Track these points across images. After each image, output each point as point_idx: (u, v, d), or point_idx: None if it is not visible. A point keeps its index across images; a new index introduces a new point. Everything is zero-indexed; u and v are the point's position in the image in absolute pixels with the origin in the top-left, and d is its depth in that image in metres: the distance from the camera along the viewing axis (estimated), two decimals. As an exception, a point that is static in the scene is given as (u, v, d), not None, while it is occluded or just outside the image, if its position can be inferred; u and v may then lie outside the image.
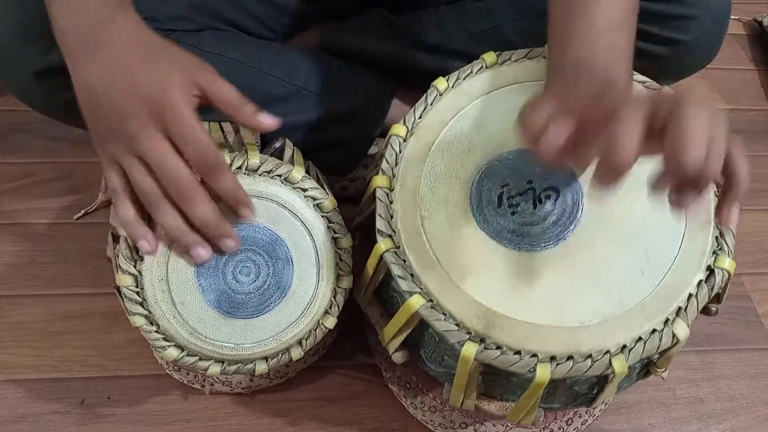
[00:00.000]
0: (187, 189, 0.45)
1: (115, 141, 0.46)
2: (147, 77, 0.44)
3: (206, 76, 0.46)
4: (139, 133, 0.44)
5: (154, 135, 0.44)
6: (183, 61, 0.46)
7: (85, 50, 0.45)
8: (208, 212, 0.47)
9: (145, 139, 0.44)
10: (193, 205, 0.46)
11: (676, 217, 0.49)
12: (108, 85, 0.45)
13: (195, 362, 0.53)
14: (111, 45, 0.45)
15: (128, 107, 0.44)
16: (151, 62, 0.45)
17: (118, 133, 0.45)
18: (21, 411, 0.64)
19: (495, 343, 0.46)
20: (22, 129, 0.86)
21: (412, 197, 0.50)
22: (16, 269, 0.74)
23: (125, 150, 0.45)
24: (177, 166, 0.45)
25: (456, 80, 0.54)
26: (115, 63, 0.45)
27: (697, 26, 0.66)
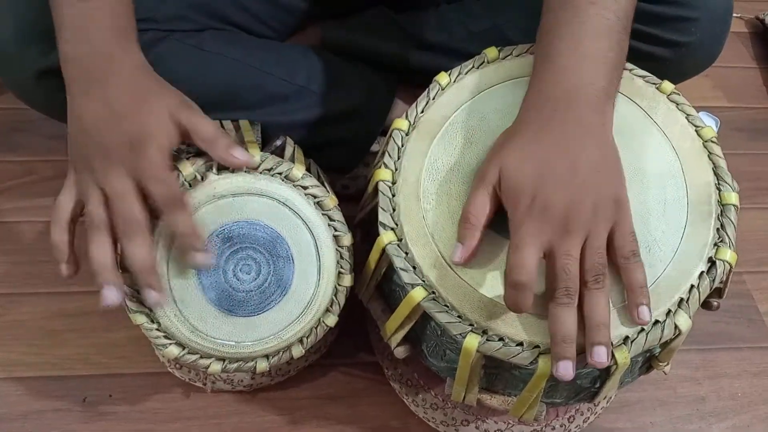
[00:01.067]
0: (135, 225, 0.47)
1: (85, 170, 0.48)
2: (129, 120, 0.47)
3: (186, 113, 0.49)
4: (110, 169, 0.47)
5: (122, 173, 0.47)
6: (166, 103, 0.49)
7: (83, 81, 0.48)
8: (145, 256, 0.48)
9: (113, 175, 0.47)
10: (133, 243, 0.47)
11: (678, 209, 0.49)
12: (94, 120, 0.47)
13: (196, 360, 0.53)
14: (105, 82, 0.48)
15: (107, 144, 0.47)
16: (138, 104, 0.48)
17: (91, 165, 0.47)
18: (23, 409, 0.65)
19: (497, 335, 0.46)
20: (22, 127, 0.86)
21: (414, 190, 0.50)
22: (16, 268, 0.74)
23: (92, 181, 0.47)
24: (134, 203, 0.47)
25: (458, 75, 0.54)
26: (106, 101, 0.47)
27: (698, 28, 0.66)
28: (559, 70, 0.47)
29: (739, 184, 0.51)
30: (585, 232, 0.43)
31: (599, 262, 0.43)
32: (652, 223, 0.48)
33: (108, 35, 0.49)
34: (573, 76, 0.46)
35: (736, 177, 0.51)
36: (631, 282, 0.44)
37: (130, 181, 0.47)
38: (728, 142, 0.88)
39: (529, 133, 0.46)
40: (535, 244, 0.43)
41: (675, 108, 0.53)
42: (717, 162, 0.51)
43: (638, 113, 0.53)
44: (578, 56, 0.47)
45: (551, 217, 0.43)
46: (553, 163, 0.44)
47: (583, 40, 0.47)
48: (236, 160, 0.50)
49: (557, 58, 0.47)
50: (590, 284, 0.43)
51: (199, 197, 0.51)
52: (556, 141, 0.45)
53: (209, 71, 0.65)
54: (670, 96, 0.54)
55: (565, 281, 0.43)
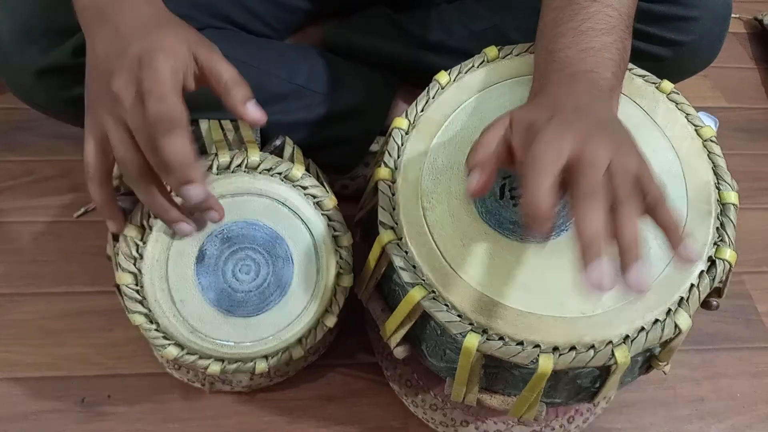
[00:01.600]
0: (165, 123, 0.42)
1: (101, 103, 0.44)
2: (141, 41, 0.44)
3: (206, 50, 0.45)
4: (122, 89, 0.43)
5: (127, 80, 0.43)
6: (185, 34, 0.45)
7: (98, 22, 0.46)
8: (186, 147, 0.43)
9: (126, 95, 0.42)
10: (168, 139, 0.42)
11: (678, 208, 0.49)
12: (107, 49, 0.45)
13: (195, 361, 0.53)
14: (120, 16, 0.45)
15: (117, 66, 0.43)
16: (151, 31, 0.45)
17: (104, 94, 0.44)
18: (22, 409, 0.64)
19: (497, 334, 0.46)
20: (23, 127, 0.86)
21: (414, 189, 0.50)
22: (16, 267, 0.74)
23: (108, 112, 0.44)
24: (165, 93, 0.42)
25: (458, 74, 0.55)
26: (119, 31, 0.45)
27: (698, 27, 0.66)
28: (562, 60, 0.46)
29: (738, 184, 0.51)
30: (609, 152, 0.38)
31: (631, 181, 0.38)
32: (652, 222, 0.48)
33: None
34: (578, 64, 0.45)
35: (735, 177, 0.51)
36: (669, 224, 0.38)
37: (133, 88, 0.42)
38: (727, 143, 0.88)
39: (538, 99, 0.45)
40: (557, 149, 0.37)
41: (674, 107, 0.53)
42: (716, 161, 0.51)
43: (638, 113, 0.53)
44: (582, 49, 0.46)
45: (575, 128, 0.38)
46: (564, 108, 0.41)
47: (587, 35, 0.47)
48: (248, 114, 0.45)
49: (560, 51, 0.47)
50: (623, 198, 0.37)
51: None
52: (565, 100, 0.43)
53: None
54: (669, 95, 0.54)
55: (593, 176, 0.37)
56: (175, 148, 0.42)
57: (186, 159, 0.43)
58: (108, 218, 0.48)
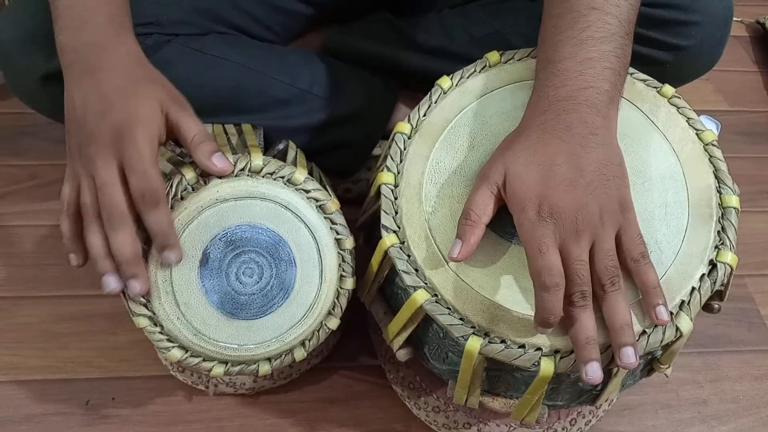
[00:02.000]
0: (117, 217, 0.47)
1: (79, 158, 0.48)
2: (118, 107, 0.47)
3: (176, 109, 0.49)
4: (97, 156, 0.47)
5: (108, 161, 0.47)
6: (158, 94, 0.49)
7: (77, 70, 0.49)
8: (127, 245, 0.48)
9: (99, 162, 0.47)
10: (116, 233, 0.47)
11: (679, 212, 0.49)
12: (86, 107, 0.48)
13: (199, 363, 0.53)
14: (98, 71, 0.48)
15: (96, 131, 0.47)
16: (128, 93, 0.48)
17: (82, 152, 0.48)
18: (26, 412, 0.65)
19: (499, 337, 0.46)
20: (27, 132, 0.87)
21: (416, 193, 0.51)
22: (20, 271, 0.74)
23: (84, 169, 0.48)
24: (115, 193, 0.47)
25: (460, 79, 0.55)
26: (97, 90, 0.48)
27: (699, 32, 0.66)
28: (562, 73, 0.47)
29: (740, 187, 0.51)
30: (593, 235, 0.44)
31: (612, 265, 0.44)
32: (653, 225, 0.49)
33: (103, 24, 0.49)
34: (576, 79, 0.46)
35: (737, 180, 0.51)
36: (645, 283, 0.45)
37: (115, 170, 0.47)
38: (729, 146, 0.88)
39: (534, 136, 0.46)
40: (554, 245, 0.43)
41: (676, 111, 0.53)
42: (718, 165, 0.51)
43: (639, 117, 0.53)
44: (581, 60, 0.47)
45: (561, 221, 0.43)
46: (558, 167, 0.44)
47: (586, 44, 0.47)
48: (214, 167, 0.50)
49: (560, 62, 0.47)
50: (607, 288, 0.44)
51: (201, 201, 0.51)
52: (561, 144, 0.45)
53: (212, 75, 0.65)
54: (670, 100, 0.54)
55: (580, 285, 0.43)
56: (158, 219, 0.48)
57: (168, 229, 0.48)
58: (72, 252, 0.51)
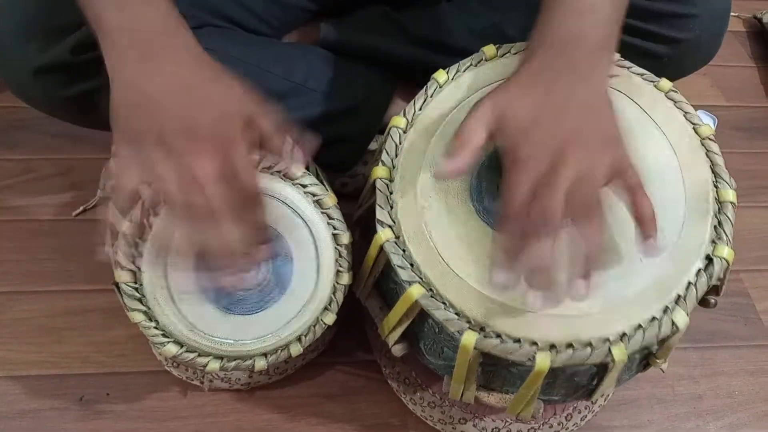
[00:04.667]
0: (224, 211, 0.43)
1: (157, 147, 0.43)
2: (214, 99, 0.44)
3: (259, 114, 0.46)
4: (201, 150, 0.43)
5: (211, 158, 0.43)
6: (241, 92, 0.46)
7: (138, 50, 0.44)
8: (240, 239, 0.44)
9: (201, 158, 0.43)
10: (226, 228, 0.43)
11: (675, 206, 0.49)
12: (167, 92, 0.44)
13: (194, 358, 0.53)
14: (169, 53, 0.45)
15: (195, 122, 0.43)
16: (217, 83, 0.45)
17: (168, 141, 0.43)
18: (20, 407, 0.64)
19: (494, 332, 0.46)
20: (22, 125, 0.86)
21: (412, 188, 0.51)
22: (16, 266, 0.74)
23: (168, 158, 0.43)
24: (249, 174, 0.44)
25: (456, 72, 0.55)
26: (175, 73, 0.44)
27: (697, 25, 0.66)
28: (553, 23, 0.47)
29: (737, 182, 0.51)
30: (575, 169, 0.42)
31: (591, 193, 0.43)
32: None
33: (165, 8, 0.46)
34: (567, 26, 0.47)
35: (733, 175, 0.51)
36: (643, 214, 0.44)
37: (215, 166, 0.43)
38: (726, 141, 0.89)
39: (523, 78, 0.46)
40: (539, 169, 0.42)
41: (673, 106, 0.53)
42: (714, 159, 0.51)
43: (636, 111, 0.53)
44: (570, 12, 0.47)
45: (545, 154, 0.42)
46: (545, 107, 0.44)
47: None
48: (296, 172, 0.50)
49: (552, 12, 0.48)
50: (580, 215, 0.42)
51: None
52: (548, 86, 0.45)
53: None
54: (668, 94, 0.54)
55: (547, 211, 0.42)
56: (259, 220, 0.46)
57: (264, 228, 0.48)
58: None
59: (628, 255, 0.48)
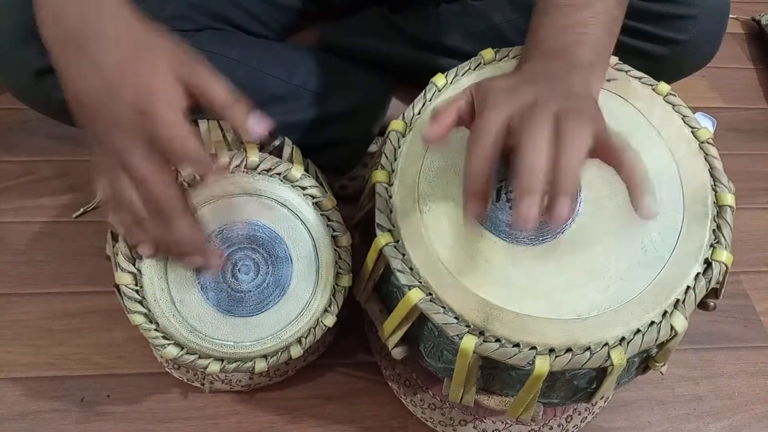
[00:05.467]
0: (167, 210, 0.45)
1: (102, 153, 0.44)
2: (128, 82, 0.42)
3: (194, 73, 0.44)
4: (123, 146, 0.42)
5: (137, 148, 0.42)
6: (170, 58, 0.44)
7: (67, 47, 0.43)
8: (188, 236, 0.46)
9: (128, 153, 0.42)
10: (172, 227, 0.45)
11: (674, 211, 0.49)
12: (90, 92, 0.43)
13: (194, 360, 0.53)
14: (95, 43, 0.42)
15: (113, 117, 0.42)
16: (137, 63, 0.43)
17: (104, 146, 0.43)
18: (20, 409, 0.64)
19: (494, 336, 0.46)
20: (21, 127, 0.86)
21: (411, 192, 0.51)
22: (14, 267, 0.74)
23: (111, 163, 0.44)
24: (157, 183, 0.43)
25: (454, 76, 0.55)
26: (98, 66, 0.42)
27: (696, 26, 0.66)
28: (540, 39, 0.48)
29: (735, 184, 0.51)
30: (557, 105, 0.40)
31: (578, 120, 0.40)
32: (648, 224, 0.49)
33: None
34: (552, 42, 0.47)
35: (732, 177, 0.51)
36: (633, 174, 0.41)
37: (145, 156, 0.42)
38: (724, 143, 0.89)
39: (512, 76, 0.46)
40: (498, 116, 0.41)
41: (671, 109, 0.53)
42: (713, 163, 0.51)
43: (634, 115, 0.53)
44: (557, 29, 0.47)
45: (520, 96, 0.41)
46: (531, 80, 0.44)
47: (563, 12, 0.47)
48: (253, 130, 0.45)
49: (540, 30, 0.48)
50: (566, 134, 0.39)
51: (198, 198, 0.51)
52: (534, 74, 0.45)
53: None
54: (666, 97, 0.54)
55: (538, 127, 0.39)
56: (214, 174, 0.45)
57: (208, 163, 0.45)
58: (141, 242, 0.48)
59: (628, 259, 0.48)
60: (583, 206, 0.49)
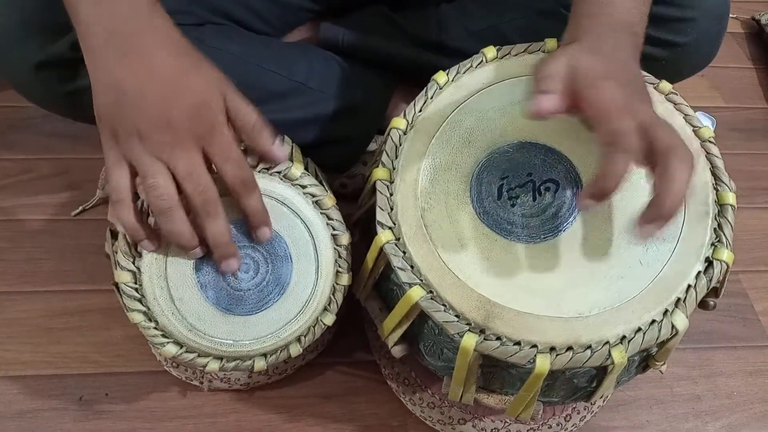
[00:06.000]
0: (213, 204, 0.46)
1: (139, 143, 0.45)
2: (188, 90, 0.45)
3: (232, 94, 0.47)
4: (177, 143, 0.44)
5: (192, 147, 0.45)
6: (218, 74, 0.47)
7: (115, 47, 0.44)
8: (225, 231, 0.48)
9: (182, 150, 0.44)
10: (214, 221, 0.47)
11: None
12: (145, 86, 0.44)
13: (193, 359, 0.53)
14: (146, 45, 0.45)
15: (170, 115, 0.44)
16: (192, 72, 0.46)
17: (146, 136, 0.44)
18: (18, 408, 0.64)
19: (494, 334, 0.46)
20: (20, 125, 0.86)
21: (412, 190, 0.51)
22: (13, 265, 0.74)
23: (148, 153, 0.45)
24: (208, 181, 0.45)
25: (456, 74, 0.55)
26: (154, 65, 0.44)
27: (695, 28, 0.66)
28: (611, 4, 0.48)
29: (735, 184, 0.51)
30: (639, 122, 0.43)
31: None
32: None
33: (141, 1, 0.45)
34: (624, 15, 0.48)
35: (732, 177, 0.51)
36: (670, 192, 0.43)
37: (199, 155, 0.45)
38: (724, 143, 0.89)
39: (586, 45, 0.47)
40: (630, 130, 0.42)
41: (673, 108, 0.53)
42: (714, 162, 0.51)
43: (636, 113, 0.53)
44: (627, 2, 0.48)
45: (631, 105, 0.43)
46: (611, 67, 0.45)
47: None
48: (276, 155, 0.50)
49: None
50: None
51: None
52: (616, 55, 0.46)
53: None
54: (668, 96, 0.54)
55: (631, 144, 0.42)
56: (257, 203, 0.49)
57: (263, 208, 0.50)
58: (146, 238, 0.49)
59: (629, 258, 0.48)
60: None
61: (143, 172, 0.45)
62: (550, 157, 0.51)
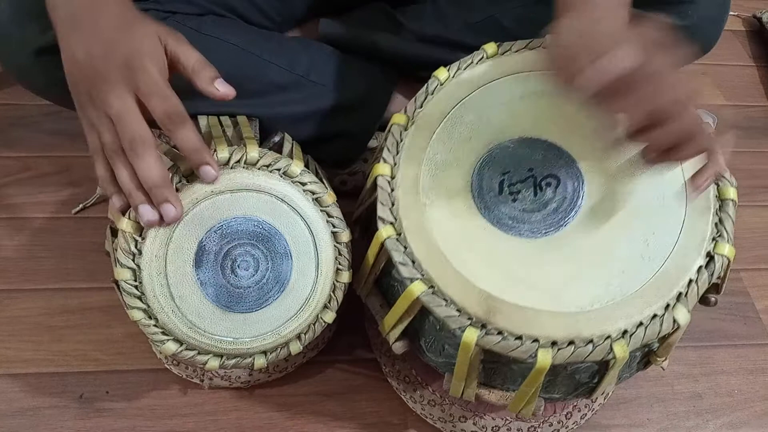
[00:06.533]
0: (139, 143, 0.47)
1: (91, 105, 0.48)
2: (122, 44, 0.47)
3: (173, 39, 0.49)
4: (110, 92, 0.47)
5: (121, 93, 0.47)
6: (154, 28, 0.49)
7: (72, 25, 0.49)
8: (155, 170, 0.48)
9: (113, 97, 0.47)
10: (140, 159, 0.47)
11: (676, 204, 0.49)
12: (87, 53, 0.48)
13: (194, 356, 0.53)
14: (94, 16, 0.48)
15: (104, 71, 0.47)
16: (127, 32, 0.48)
17: (93, 96, 0.48)
18: (19, 405, 0.64)
19: (496, 329, 0.46)
20: (21, 123, 0.86)
21: (413, 185, 0.51)
22: (14, 263, 0.74)
23: (98, 111, 0.48)
24: (134, 120, 0.47)
25: (457, 70, 0.55)
26: (96, 32, 0.48)
27: (695, 11, 0.65)
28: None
29: (736, 181, 0.51)
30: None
31: None
32: (651, 217, 0.49)
33: None
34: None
35: (733, 175, 0.51)
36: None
37: (130, 98, 0.47)
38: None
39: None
40: None
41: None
42: (715, 158, 0.51)
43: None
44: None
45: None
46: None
47: None
48: (217, 91, 0.49)
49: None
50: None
51: (197, 193, 0.51)
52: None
53: (209, 56, 0.64)
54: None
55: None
56: (189, 135, 0.48)
57: (201, 144, 0.49)
58: (113, 193, 0.50)
59: (631, 252, 0.48)
60: (586, 200, 0.49)
61: (98, 130, 0.48)
62: (550, 152, 0.51)
